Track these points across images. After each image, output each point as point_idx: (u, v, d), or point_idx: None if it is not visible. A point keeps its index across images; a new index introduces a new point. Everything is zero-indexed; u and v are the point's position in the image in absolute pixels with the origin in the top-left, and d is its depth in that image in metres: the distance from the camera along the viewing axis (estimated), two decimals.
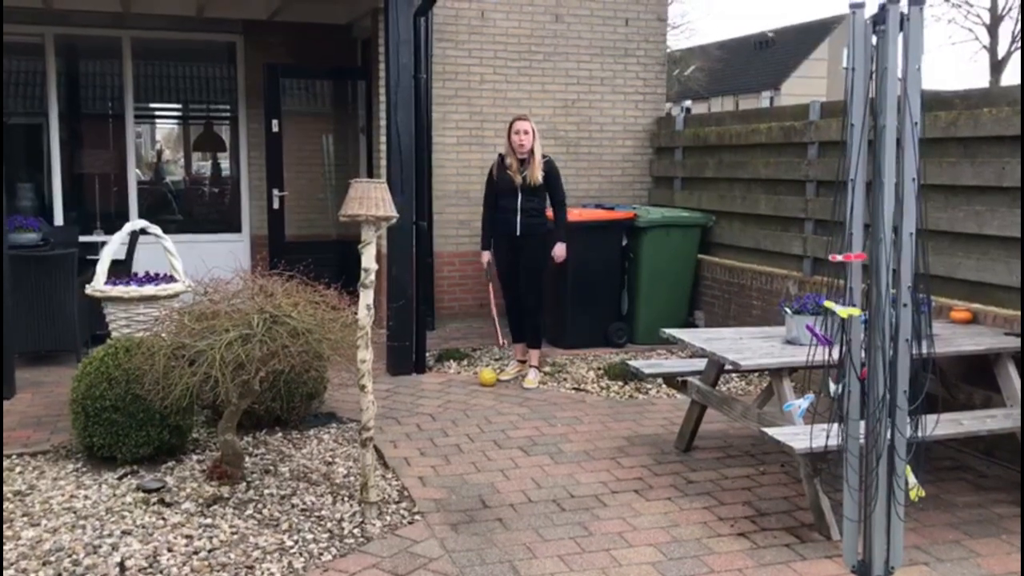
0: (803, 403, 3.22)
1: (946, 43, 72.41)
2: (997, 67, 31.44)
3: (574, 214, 7.27)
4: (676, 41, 34.23)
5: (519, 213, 6.39)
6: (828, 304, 2.48)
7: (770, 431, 3.99)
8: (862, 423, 2.57)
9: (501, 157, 6.50)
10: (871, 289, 2.43)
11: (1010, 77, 31.47)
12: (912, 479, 2.49)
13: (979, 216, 5.24)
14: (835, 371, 2.60)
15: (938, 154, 5.48)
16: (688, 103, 27.77)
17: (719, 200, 7.84)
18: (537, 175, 6.31)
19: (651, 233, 7.63)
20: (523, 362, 6.75)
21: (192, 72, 9.97)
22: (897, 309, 2.39)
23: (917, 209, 2.47)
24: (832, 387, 2.62)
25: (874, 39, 2.50)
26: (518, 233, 6.41)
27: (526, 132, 6.30)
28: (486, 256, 6.68)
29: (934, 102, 5.61)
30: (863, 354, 2.47)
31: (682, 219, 7.81)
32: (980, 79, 34.18)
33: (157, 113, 10.43)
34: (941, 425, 4.14)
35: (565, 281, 7.49)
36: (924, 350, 2.46)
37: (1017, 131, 5.00)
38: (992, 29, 31.75)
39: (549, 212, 6.58)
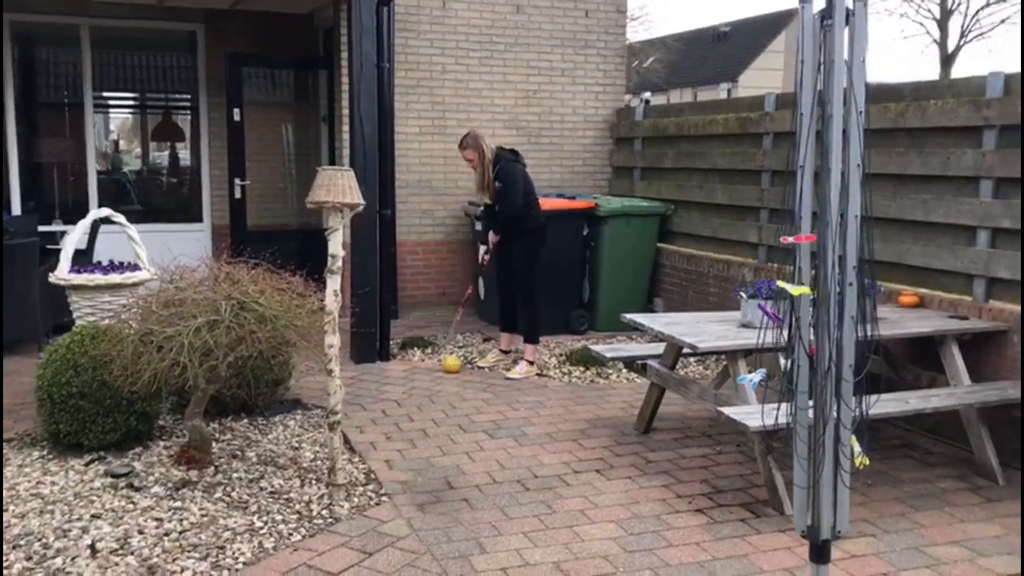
0: (756, 376, 3.38)
1: (898, 37, 73.79)
2: (947, 61, 32.09)
3: None
4: (635, 33, 34.45)
5: (498, 215, 6.56)
6: (780, 284, 2.61)
7: (726, 410, 4.14)
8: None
9: None
10: (819, 269, 2.57)
11: (959, 71, 32.19)
12: (857, 448, 2.64)
13: (926, 204, 5.43)
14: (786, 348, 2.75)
15: (888, 144, 5.66)
16: (647, 95, 27.97)
17: (677, 190, 8.00)
18: (494, 191, 6.44)
19: (611, 222, 7.76)
20: (507, 352, 6.82)
21: (152, 61, 9.90)
22: (843, 288, 2.53)
23: (862, 195, 2.61)
24: (783, 362, 2.76)
25: (822, 33, 2.63)
26: (499, 232, 6.58)
27: (469, 159, 6.47)
28: (492, 237, 6.68)
29: (885, 93, 5.80)
30: (812, 331, 2.62)
31: (641, 208, 7.95)
32: (931, 73, 34.91)
33: (117, 102, 10.33)
34: (889, 403, 4.33)
35: None
36: (869, 332, 2.61)
37: (962, 123, 5.20)
38: (942, 23, 32.39)
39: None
